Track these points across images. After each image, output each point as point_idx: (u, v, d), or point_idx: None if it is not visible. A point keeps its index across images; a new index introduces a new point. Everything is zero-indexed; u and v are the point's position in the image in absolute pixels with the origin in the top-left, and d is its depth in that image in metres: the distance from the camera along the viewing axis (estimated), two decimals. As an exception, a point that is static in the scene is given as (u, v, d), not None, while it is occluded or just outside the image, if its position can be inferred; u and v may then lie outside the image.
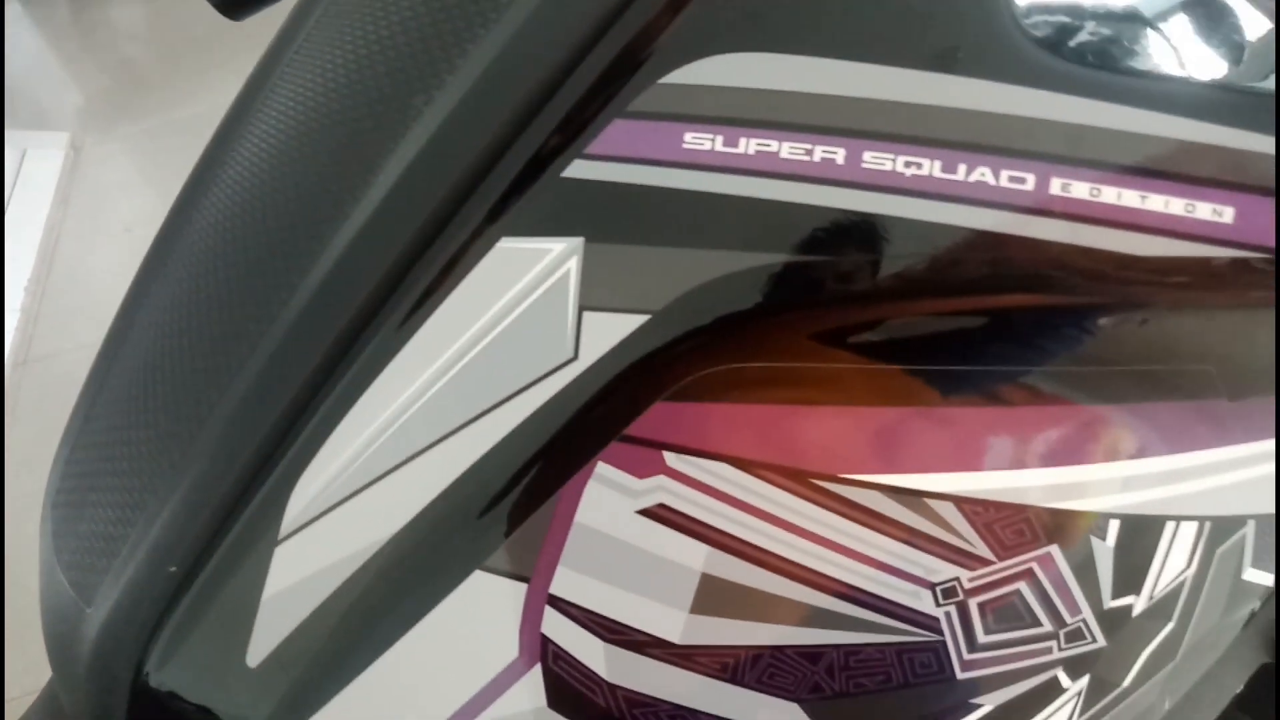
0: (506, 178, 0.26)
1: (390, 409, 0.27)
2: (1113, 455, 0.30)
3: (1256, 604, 0.38)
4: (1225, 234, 0.25)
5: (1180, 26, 0.29)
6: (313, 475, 0.27)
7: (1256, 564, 0.37)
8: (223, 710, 0.28)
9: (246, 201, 0.32)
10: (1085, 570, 0.31)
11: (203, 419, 0.29)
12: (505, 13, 0.27)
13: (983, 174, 0.25)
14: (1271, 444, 0.33)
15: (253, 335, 0.28)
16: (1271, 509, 0.35)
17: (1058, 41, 0.26)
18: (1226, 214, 0.25)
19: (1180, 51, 0.28)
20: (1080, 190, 0.25)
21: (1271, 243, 0.26)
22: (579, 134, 0.26)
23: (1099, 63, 0.26)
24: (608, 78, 0.26)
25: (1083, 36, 0.26)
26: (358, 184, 0.28)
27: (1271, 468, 0.34)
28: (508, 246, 0.26)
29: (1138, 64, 0.27)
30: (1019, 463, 0.29)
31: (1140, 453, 0.30)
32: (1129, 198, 0.25)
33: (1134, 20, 0.28)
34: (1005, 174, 0.25)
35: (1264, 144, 0.25)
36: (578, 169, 0.26)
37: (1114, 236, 0.25)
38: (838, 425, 0.27)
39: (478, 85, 0.27)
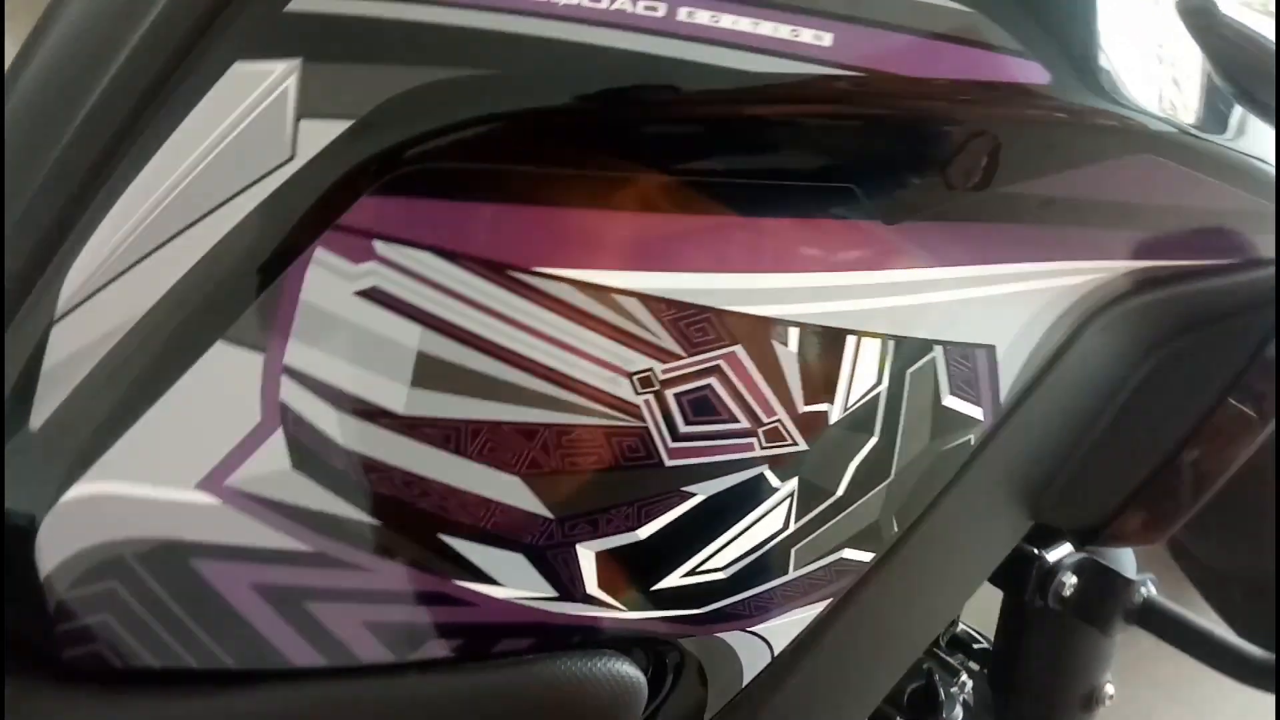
0: (240, 12, 0.32)
1: (143, 207, 0.32)
2: (776, 266, 0.35)
3: (970, 436, 0.44)
4: (825, 55, 0.31)
5: None
6: (81, 265, 0.32)
7: (955, 393, 0.42)
8: (16, 468, 0.33)
9: (60, 57, 0.37)
10: (772, 372, 0.36)
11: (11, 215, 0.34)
12: None
13: (622, 4, 0.30)
14: (938, 272, 0.38)
15: (43, 151, 0.34)
16: (954, 337, 0.40)
17: None
18: (826, 39, 0.31)
19: None
20: (703, 17, 0.30)
21: (867, 64, 0.31)
22: None
23: None
24: None
25: None
26: (125, 30, 0.33)
27: (943, 296, 0.39)
28: (240, 70, 0.31)
29: None
30: (692, 266, 0.34)
31: (803, 266, 0.36)
32: (744, 24, 0.31)
33: None
34: (641, 4, 0.30)
35: None
36: (299, 4, 0.31)
37: (732, 55, 0.31)
38: (527, 223, 0.33)
39: None
